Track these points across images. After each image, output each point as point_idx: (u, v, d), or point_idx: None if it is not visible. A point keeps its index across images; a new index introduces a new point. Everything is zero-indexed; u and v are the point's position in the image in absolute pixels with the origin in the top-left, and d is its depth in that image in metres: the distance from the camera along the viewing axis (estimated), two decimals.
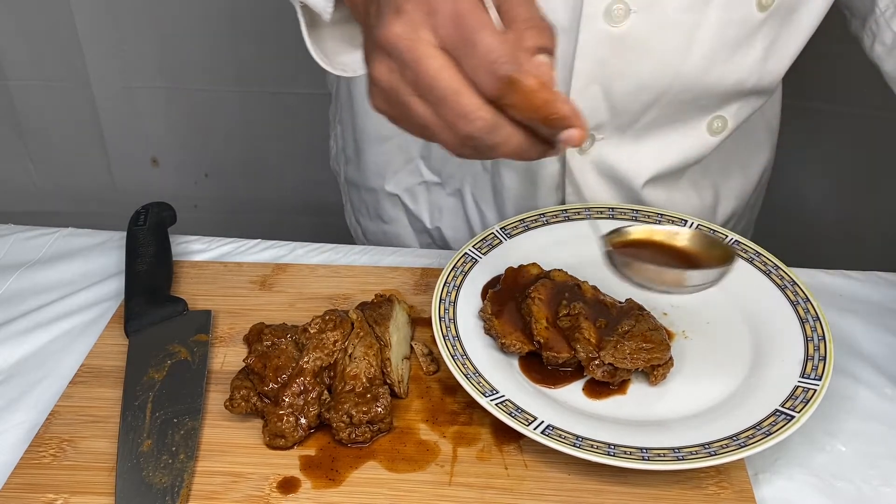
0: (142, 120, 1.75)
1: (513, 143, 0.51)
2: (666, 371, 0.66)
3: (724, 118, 0.84)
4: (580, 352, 0.67)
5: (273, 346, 0.66)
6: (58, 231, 0.89)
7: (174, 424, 0.63)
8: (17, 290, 0.80)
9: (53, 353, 0.73)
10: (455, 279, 0.75)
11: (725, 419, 0.62)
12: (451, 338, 0.68)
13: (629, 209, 0.84)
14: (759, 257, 0.77)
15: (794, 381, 0.64)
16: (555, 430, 0.60)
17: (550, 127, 0.49)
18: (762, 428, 0.60)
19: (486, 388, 0.63)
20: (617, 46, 0.75)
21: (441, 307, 0.71)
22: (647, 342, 0.66)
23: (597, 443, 0.59)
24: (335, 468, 0.61)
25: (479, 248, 0.79)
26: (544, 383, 0.67)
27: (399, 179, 0.98)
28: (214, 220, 1.79)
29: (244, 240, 0.87)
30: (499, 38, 0.47)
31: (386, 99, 0.52)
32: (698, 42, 0.75)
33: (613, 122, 0.81)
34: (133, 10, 1.62)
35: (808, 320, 0.69)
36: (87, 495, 0.59)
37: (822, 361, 0.65)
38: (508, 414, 0.61)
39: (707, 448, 0.59)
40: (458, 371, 0.64)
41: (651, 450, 0.59)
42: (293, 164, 1.76)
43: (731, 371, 0.67)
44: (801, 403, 0.61)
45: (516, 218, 0.83)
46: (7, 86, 1.71)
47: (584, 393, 0.67)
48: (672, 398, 0.66)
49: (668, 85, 0.78)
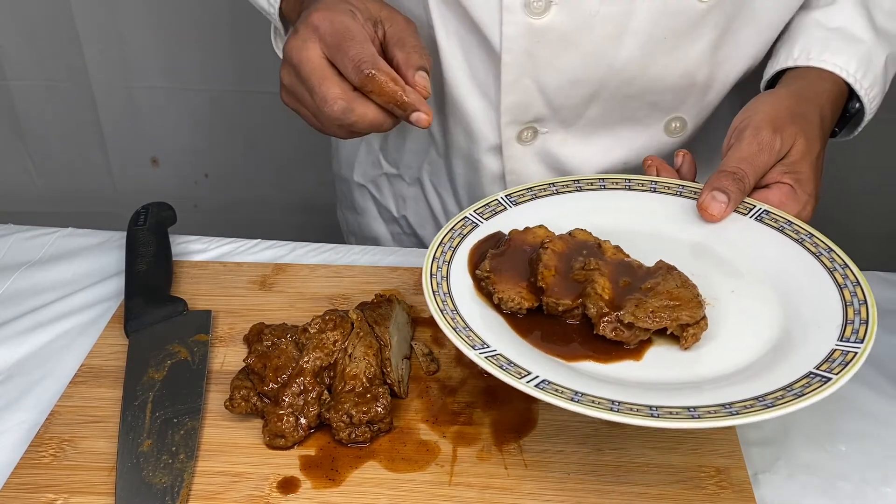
0: (142, 120, 1.75)
1: (367, 119, 0.68)
2: (699, 332, 0.60)
3: (682, 119, 0.84)
4: (590, 308, 0.60)
5: (273, 346, 0.66)
6: (58, 231, 0.89)
7: (174, 424, 0.63)
8: (16, 290, 0.80)
9: (53, 353, 0.73)
10: (452, 241, 0.69)
11: (752, 381, 0.56)
12: (441, 294, 0.62)
13: (647, 181, 0.76)
14: (790, 226, 0.70)
15: (831, 345, 0.58)
16: (550, 385, 0.54)
17: (402, 110, 0.68)
18: (793, 389, 0.54)
19: (475, 342, 0.58)
20: (541, 39, 0.75)
21: (434, 265, 0.65)
22: (675, 299, 0.60)
23: (598, 398, 0.53)
24: (335, 468, 0.61)
25: (482, 214, 0.72)
26: (546, 349, 0.60)
27: (365, 171, 1.02)
28: (214, 220, 1.79)
29: (244, 240, 0.87)
30: (362, 46, 0.67)
31: (288, 94, 0.72)
32: (631, 33, 0.75)
33: (555, 117, 0.82)
34: (133, 11, 1.62)
35: (846, 286, 0.63)
36: (86, 495, 0.59)
37: (863, 325, 0.59)
38: (500, 367, 0.55)
39: (728, 408, 0.53)
40: (445, 324, 0.58)
41: (661, 407, 0.53)
42: (293, 164, 1.76)
43: (761, 336, 0.61)
44: (839, 366, 0.55)
45: (523, 186, 0.76)
46: (7, 86, 1.71)
47: (590, 355, 0.60)
48: (693, 363, 0.60)
49: (603, 78, 0.78)
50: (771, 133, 0.70)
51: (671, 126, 0.85)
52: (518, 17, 0.74)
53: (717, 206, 0.69)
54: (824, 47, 0.77)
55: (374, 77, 0.67)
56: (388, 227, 1.04)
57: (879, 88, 0.79)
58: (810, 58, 0.77)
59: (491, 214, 0.72)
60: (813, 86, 0.77)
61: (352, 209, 1.07)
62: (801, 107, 0.74)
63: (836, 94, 0.78)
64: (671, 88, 0.81)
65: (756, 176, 0.70)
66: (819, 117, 0.74)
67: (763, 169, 0.71)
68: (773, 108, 0.72)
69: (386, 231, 1.04)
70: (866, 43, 0.78)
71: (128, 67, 1.68)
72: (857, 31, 0.78)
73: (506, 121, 0.82)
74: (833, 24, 0.79)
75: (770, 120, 0.71)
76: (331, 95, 0.67)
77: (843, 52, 0.77)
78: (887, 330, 0.75)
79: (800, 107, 0.74)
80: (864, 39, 0.78)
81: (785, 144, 0.71)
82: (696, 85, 0.81)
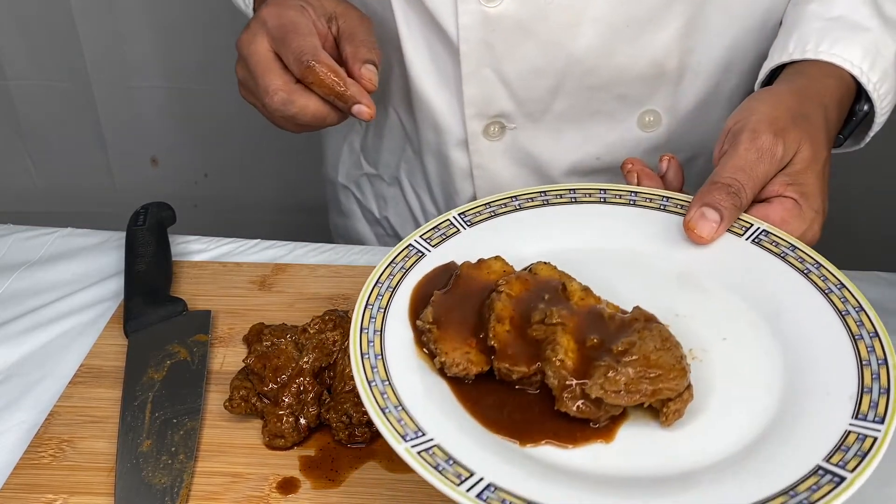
0: (142, 120, 1.75)
1: (309, 111, 0.69)
2: (682, 407, 0.49)
3: (656, 112, 0.81)
4: (550, 377, 0.50)
5: (272, 346, 0.66)
6: (57, 231, 0.89)
7: (174, 425, 0.63)
8: (16, 290, 0.80)
9: (53, 353, 0.73)
10: (392, 278, 0.58)
11: (744, 478, 0.46)
12: (371, 357, 0.51)
13: (626, 192, 0.67)
14: (793, 251, 0.59)
15: (844, 424, 0.47)
16: (497, 492, 0.44)
17: (343, 102, 0.69)
18: (797, 494, 0.44)
19: (408, 429, 0.47)
20: (496, 28, 0.75)
21: (365, 315, 0.54)
22: (654, 367, 0.49)
23: None
24: (335, 468, 0.60)
25: (429, 239, 0.61)
26: (497, 427, 0.49)
27: (348, 172, 1.01)
28: (214, 220, 1.78)
29: (244, 240, 0.87)
30: (304, 38, 0.68)
31: (243, 88, 0.74)
32: (588, 21, 0.74)
33: (521, 111, 0.81)
34: (133, 11, 1.62)
35: (862, 336, 0.52)
36: (86, 496, 0.59)
37: (883, 395, 0.47)
38: (434, 467, 0.45)
39: None
40: (372, 402, 0.48)
41: None
42: (293, 164, 1.76)
43: (758, 405, 0.51)
44: (854, 458, 0.45)
45: (480, 202, 0.65)
46: (7, 86, 1.71)
47: (550, 436, 0.49)
48: (676, 445, 0.49)
49: (563, 68, 0.77)
50: (772, 137, 0.61)
51: (645, 120, 0.82)
52: (472, 7, 0.74)
53: (707, 225, 0.60)
54: (822, 37, 0.69)
55: (313, 68, 0.67)
56: (372, 228, 1.03)
57: (891, 85, 0.70)
58: (806, 50, 0.69)
59: (440, 240, 0.62)
60: (815, 83, 0.68)
61: (339, 212, 1.07)
62: (805, 107, 0.65)
63: (842, 92, 0.69)
64: (639, 78, 0.78)
65: (755, 189, 0.61)
66: (824, 119, 0.66)
67: (763, 180, 0.62)
68: (773, 108, 0.64)
69: (370, 233, 1.04)
70: (872, 32, 0.69)
71: (128, 67, 1.68)
72: (860, 19, 0.69)
73: (470, 114, 0.81)
74: (833, 14, 0.70)
75: (770, 122, 0.62)
76: (272, 87, 0.69)
77: (844, 41, 0.68)
78: (888, 330, 0.75)
79: (803, 107, 0.65)
80: (869, 28, 0.69)
81: (788, 151, 0.62)
82: (665, 74, 0.78)
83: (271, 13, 0.71)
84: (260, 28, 0.71)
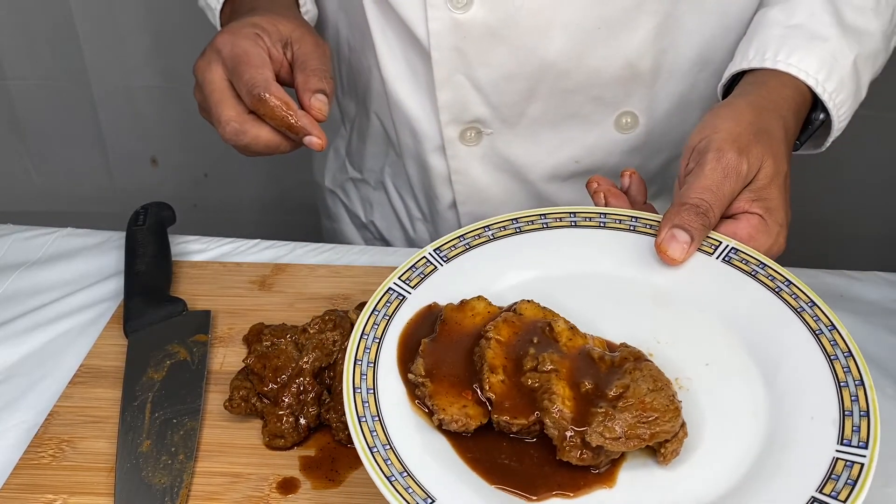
0: (142, 120, 1.75)
1: (261, 141, 0.69)
2: (678, 447, 0.50)
3: (632, 113, 0.81)
4: (550, 427, 0.50)
5: (272, 346, 0.66)
6: (57, 231, 0.89)
7: (173, 425, 0.63)
8: (16, 290, 0.80)
9: (53, 353, 0.73)
10: (375, 328, 0.56)
11: None
12: (369, 421, 0.50)
13: (596, 214, 0.66)
14: (763, 269, 0.60)
15: (831, 451, 0.47)
16: None
17: (294, 133, 0.68)
18: None
19: (416, 497, 0.46)
20: (467, 33, 0.75)
21: (356, 373, 0.53)
22: (649, 410, 0.49)
23: None
24: (335, 468, 0.60)
25: (408, 280, 0.61)
26: (503, 482, 0.49)
27: (334, 176, 1.02)
28: (214, 220, 1.78)
29: (243, 240, 0.87)
30: (257, 70, 0.68)
31: (202, 110, 0.73)
32: (559, 25, 0.74)
33: (497, 116, 0.81)
34: (133, 10, 1.62)
35: (837, 357, 0.52)
36: (86, 496, 0.59)
37: (864, 418, 0.48)
38: None
39: None
40: (379, 475, 0.47)
41: None
42: (292, 164, 1.76)
43: (747, 433, 0.51)
44: (845, 487, 0.45)
45: (453, 235, 0.64)
46: (7, 86, 1.71)
47: (556, 487, 0.50)
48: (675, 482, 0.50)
49: (536, 72, 0.77)
50: (736, 156, 0.62)
51: (622, 121, 0.82)
52: (442, 13, 0.74)
53: (677, 247, 0.61)
54: (780, 46, 0.70)
55: (265, 100, 0.67)
56: (359, 232, 1.04)
57: (848, 93, 0.71)
58: (765, 59, 0.70)
59: (419, 279, 0.61)
60: (773, 93, 0.69)
61: (327, 216, 1.07)
62: (764, 120, 0.66)
63: (799, 102, 0.70)
64: (614, 80, 0.79)
65: (722, 208, 0.62)
66: (783, 130, 0.67)
67: (729, 198, 0.63)
68: (735, 125, 0.64)
69: (358, 237, 1.04)
70: (830, 41, 0.70)
71: (128, 67, 1.68)
72: (819, 28, 0.70)
73: (445, 119, 0.82)
74: (793, 21, 0.71)
75: (733, 139, 0.63)
76: (224, 117, 0.69)
77: (802, 50, 0.69)
78: (888, 330, 0.75)
79: (762, 120, 0.66)
80: (827, 37, 0.70)
81: (752, 167, 0.63)
82: (640, 76, 0.79)
83: (225, 41, 0.70)
84: (215, 56, 0.70)
